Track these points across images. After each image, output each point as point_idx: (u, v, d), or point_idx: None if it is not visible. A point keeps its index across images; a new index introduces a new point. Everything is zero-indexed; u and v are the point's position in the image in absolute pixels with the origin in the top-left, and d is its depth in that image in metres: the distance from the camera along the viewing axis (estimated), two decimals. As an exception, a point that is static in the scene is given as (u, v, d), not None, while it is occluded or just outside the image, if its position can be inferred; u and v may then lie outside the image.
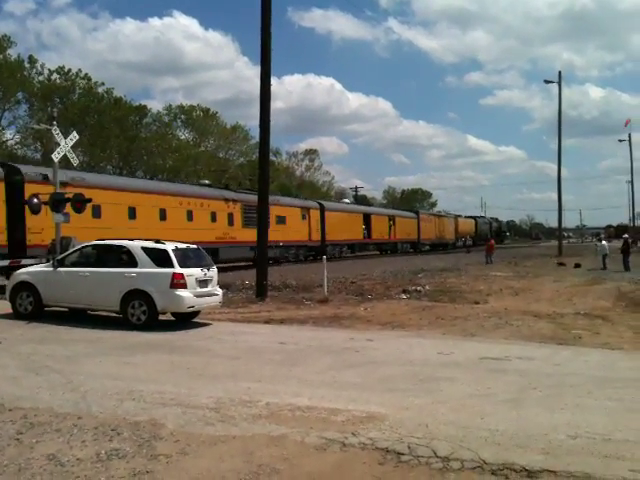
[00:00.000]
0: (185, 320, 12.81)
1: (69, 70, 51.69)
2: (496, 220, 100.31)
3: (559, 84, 43.96)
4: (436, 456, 4.84)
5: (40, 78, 50.58)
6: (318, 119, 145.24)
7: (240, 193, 35.96)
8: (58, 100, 49.99)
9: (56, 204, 16.37)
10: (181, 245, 12.84)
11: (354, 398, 6.62)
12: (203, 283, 12.51)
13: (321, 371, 8.18)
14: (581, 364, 8.72)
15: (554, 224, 77.24)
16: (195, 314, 13.05)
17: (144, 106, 60.08)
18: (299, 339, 10.88)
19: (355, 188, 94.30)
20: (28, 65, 49.63)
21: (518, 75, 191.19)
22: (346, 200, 64.01)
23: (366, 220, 51.63)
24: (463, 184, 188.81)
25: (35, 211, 16.58)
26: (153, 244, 12.55)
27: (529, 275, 25.66)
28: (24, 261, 18.94)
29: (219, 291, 13.35)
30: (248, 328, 12.42)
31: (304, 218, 41.96)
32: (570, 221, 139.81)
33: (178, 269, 11.92)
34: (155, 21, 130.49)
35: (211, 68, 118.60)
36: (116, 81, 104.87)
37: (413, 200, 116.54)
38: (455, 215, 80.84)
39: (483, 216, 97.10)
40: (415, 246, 61.55)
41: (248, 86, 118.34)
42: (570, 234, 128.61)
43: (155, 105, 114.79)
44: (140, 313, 11.94)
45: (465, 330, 11.87)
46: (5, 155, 41.82)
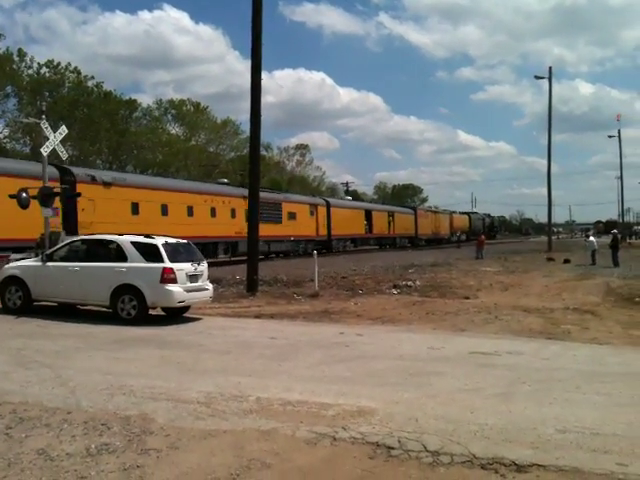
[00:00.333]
0: (175, 315, 12.77)
1: (58, 64, 51.31)
2: (488, 216, 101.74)
3: (549, 80, 44.07)
4: (426, 450, 4.86)
5: (29, 72, 50.23)
6: (309, 114, 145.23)
7: None
8: (47, 94, 49.61)
9: (45, 198, 16.26)
10: (171, 240, 12.80)
11: (344, 392, 6.63)
12: (193, 278, 12.49)
13: (311, 366, 8.19)
14: (570, 359, 8.78)
15: (544, 219, 77.88)
16: (185, 309, 13.02)
17: (134, 100, 59.84)
18: (289, 334, 10.89)
19: (346, 183, 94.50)
20: (17, 58, 49.21)
21: (509, 70, 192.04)
22: (348, 197, 66.94)
23: (367, 216, 53.73)
24: (454, 179, 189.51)
25: (24, 205, 16.42)
26: (143, 238, 12.50)
27: (519, 270, 25.75)
28: (13, 255, 18.82)
29: (209, 286, 13.34)
30: (239, 323, 12.41)
31: (312, 214, 43.83)
32: (560, 216, 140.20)
33: (168, 264, 11.89)
34: (145, 14, 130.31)
35: (202, 62, 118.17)
36: (106, 75, 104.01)
37: (404, 196, 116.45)
38: (450, 211, 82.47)
39: (476, 212, 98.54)
40: (413, 241, 63.32)
41: (239, 80, 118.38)
42: (560, 229, 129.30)
43: (145, 99, 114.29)
44: (130, 308, 11.92)
45: (455, 325, 11.92)
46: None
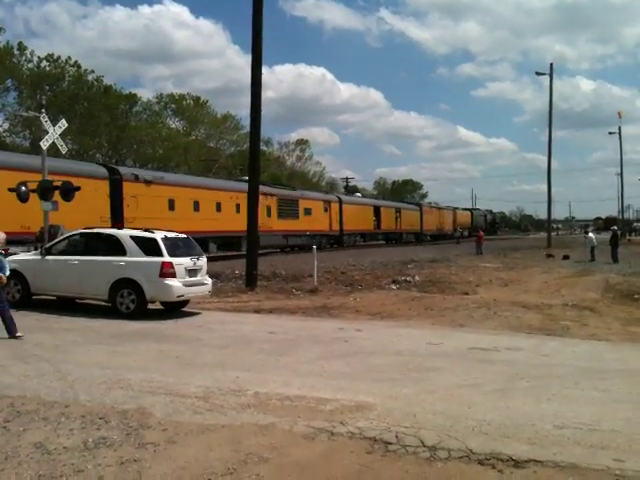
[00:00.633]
0: (174, 309, 12.77)
1: (58, 57, 51.35)
2: (490, 212, 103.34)
3: (550, 76, 43.86)
4: (424, 445, 4.86)
5: (29, 65, 50.25)
6: (309, 109, 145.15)
7: (275, 188, 40.65)
8: (47, 88, 49.67)
9: (44, 192, 16.23)
10: (170, 234, 12.78)
11: (343, 387, 6.64)
12: (192, 272, 12.48)
13: (310, 361, 8.19)
14: (569, 355, 8.78)
15: (543, 216, 78.17)
16: (184, 303, 13.01)
17: (134, 94, 59.83)
18: (288, 329, 10.88)
19: (346, 179, 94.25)
20: (17, 52, 49.21)
21: (510, 67, 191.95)
22: (358, 194, 69.23)
23: (376, 212, 55.59)
24: (454, 175, 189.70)
25: (23, 199, 16.40)
26: (142, 233, 12.49)
27: (518, 266, 25.72)
28: (12, 249, 18.79)
29: (208, 280, 13.33)
30: (237, 317, 12.41)
31: (326, 210, 46.11)
32: (559, 213, 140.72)
33: (167, 258, 11.88)
34: (145, 8, 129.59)
35: (201, 56, 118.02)
36: (106, 69, 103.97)
37: (404, 191, 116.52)
38: (453, 208, 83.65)
39: (478, 208, 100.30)
40: (418, 236, 64.96)
41: (239, 75, 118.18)
42: (559, 226, 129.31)
43: (145, 94, 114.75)
44: (129, 302, 11.91)
45: (454, 321, 11.91)
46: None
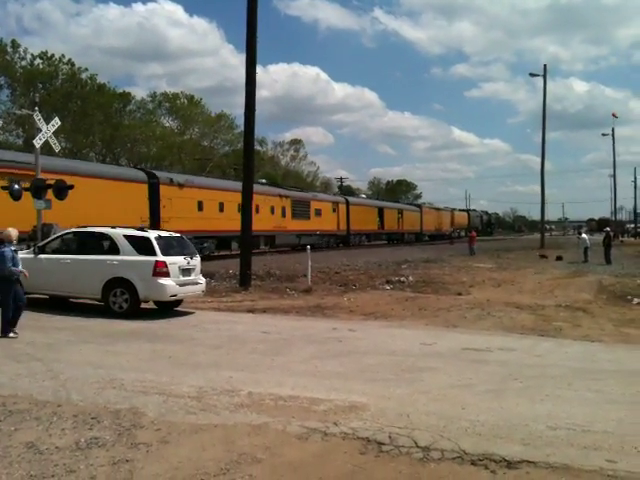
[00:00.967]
0: (168, 309, 12.72)
1: (52, 55, 51.09)
2: (486, 213, 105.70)
3: (544, 77, 43.97)
4: (417, 446, 4.86)
5: (23, 63, 49.98)
6: (303, 109, 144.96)
7: (289, 190, 43.46)
8: (41, 85, 49.41)
9: (37, 190, 16.17)
10: (164, 233, 12.75)
11: (336, 388, 6.63)
12: (186, 272, 12.45)
13: (304, 361, 8.18)
14: (562, 355, 8.80)
15: (537, 217, 78.24)
16: (178, 303, 12.98)
17: (128, 93, 59.63)
18: (282, 328, 10.87)
19: (340, 179, 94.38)
20: (11, 50, 48.96)
21: (504, 67, 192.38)
22: (363, 195, 73.26)
23: (380, 213, 58.23)
24: (448, 176, 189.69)
25: (16, 197, 16.33)
26: (135, 232, 12.44)
27: (511, 267, 25.79)
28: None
29: (202, 280, 13.30)
30: (231, 317, 12.39)
31: (334, 211, 48.55)
32: (553, 214, 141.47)
33: (161, 257, 11.84)
34: (139, 6, 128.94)
35: (196, 55, 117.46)
36: (99, 67, 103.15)
37: (398, 191, 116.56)
38: (451, 209, 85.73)
39: (475, 209, 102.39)
40: (418, 236, 67.63)
41: (233, 74, 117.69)
42: (552, 227, 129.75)
43: (139, 92, 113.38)
44: (122, 301, 11.87)
45: (447, 321, 11.92)
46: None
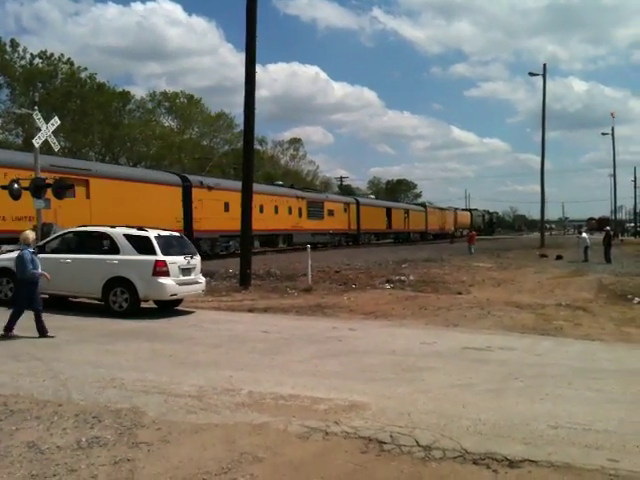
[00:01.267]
0: (168, 308, 12.72)
1: (51, 55, 51.01)
2: (488, 212, 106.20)
3: (544, 77, 43.96)
4: (418, 445, 4.85)
5: (22, 62, 49.88)
6: (303, 108, 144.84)
7: (305, 191, 46.09)
8: (40, 85, 49.33)
9: (37, 190, 16.15)
10: (164, 232, 12.73)
11: (337, 387, 6.62)
12: (186, 271, 12.44)
13: (304, 360, 8.17)
14: (562, 355, 8.80)
15: (537, 216, 78.58)
16: (178, 302, 12.97)
17: (127, 92, 59.55)
18: (282, 328, 10.86)
19: (340, 178, 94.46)
20: (10, 49, 48.89)
21: (503, 67, 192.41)
22: (372, 196, 75.56)
23: (388, 213, 60.09)
24: (447, 175, 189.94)
25: (15, 196, 16.31)
26: (135, 231, 12.42)
27: (511, 266, 25.79)
28: (4, 247, 18.73)
29: (202, 279, 13.29)
30: (231, 316, 12.38)
31: (345, 211, 50.77)
32: (552, 213, 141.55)
33: (160, 256, 11.83)
34: (138, 5, 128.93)
35: (195, 54, 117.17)
36: (98, 66, 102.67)
37: (398, 191, 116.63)
38: (454, 208, 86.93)
39: (477, 209, 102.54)
40: (423, 235, 69.51)
41: (232, 73, 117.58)
42: (552, 226, 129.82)
43: (138, 91, 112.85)
44: (122, 300, 11.86)
45: (448, 320, 11.91)
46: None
